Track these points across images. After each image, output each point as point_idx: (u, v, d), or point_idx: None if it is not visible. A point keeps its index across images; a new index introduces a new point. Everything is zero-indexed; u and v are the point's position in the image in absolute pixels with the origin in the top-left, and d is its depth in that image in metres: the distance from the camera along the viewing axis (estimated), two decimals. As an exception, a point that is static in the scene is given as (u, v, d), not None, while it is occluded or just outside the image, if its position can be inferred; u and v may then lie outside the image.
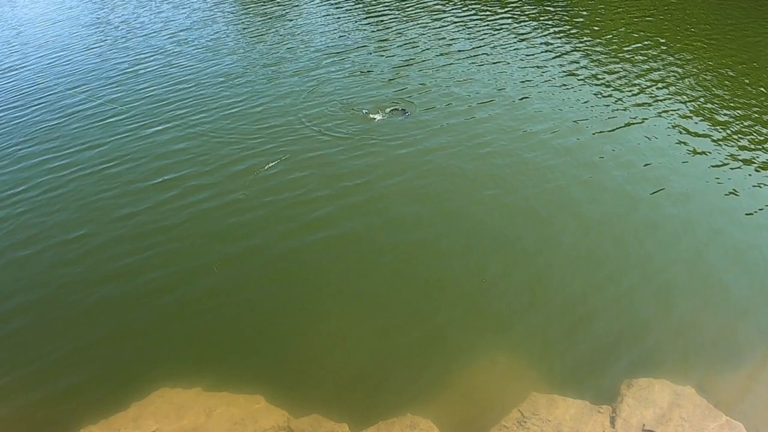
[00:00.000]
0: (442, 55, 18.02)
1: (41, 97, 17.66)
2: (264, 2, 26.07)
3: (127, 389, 8.24)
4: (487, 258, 9.96)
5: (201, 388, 8.15)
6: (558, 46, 18.16)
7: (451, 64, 17.19)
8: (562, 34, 19.18)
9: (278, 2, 25.74)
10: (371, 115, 14.31)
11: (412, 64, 17.40)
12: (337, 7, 24.28)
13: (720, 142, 12.64)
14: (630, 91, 15.05)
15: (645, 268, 9.53)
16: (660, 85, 15.29)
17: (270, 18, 23.75)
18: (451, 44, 18.86)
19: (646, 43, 17.98)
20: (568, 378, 7.98)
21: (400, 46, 19.10)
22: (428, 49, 18.52)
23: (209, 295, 9.64)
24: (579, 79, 15.84)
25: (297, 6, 24.99)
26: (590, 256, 9.86)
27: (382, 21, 21.90)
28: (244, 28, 22.76)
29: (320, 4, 25.08)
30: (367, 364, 8.42)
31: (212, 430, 7.59)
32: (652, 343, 8.36)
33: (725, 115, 13.76)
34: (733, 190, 11.20)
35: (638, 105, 14.32)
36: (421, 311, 9.10)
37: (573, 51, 17.75)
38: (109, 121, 15.53)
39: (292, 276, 9.91)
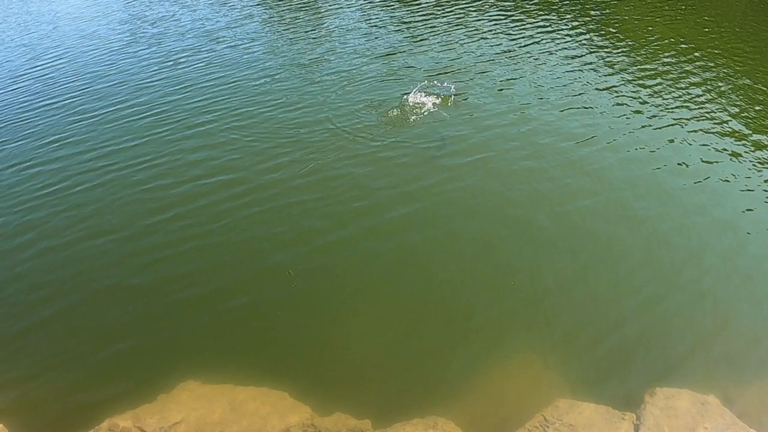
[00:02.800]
0: (480, 56, 17.93)
1: (76, 93, 17.87)
2: (301, 2, 26.14)
3: (153, 381, 8.37)
4: (519, 261, 9.94)
5: (227, 382, 8.24)
6: (594, 51, 17.97)
7: (489, 68, 17.05)
8: (597, 39, 18.99)
9: (314, 2, 25.80)
10: (409, 120, 14.26)
11: (451, 67, 17.30)
12: (375, 8, 24.24)
13: (756, 149, 12.54)
14: (667, 96, 14.89)
15: (676, 276, 9.47)
16: (697, 90, 15.09)
17: (307, 18, 23.79)
18: (489, 46, 18.77)
19: (683, 47, 17.73)
20: (593, 384, 7.97)
21: (439, 47, 19.01)
22: (467, 52, 18.40)
23: (238, 293, 9.73)
24: (615, 84, 15.70)
25: (334, 6, 24.98)
26: (622, 262, 9.79)
27: (420, 21, 21.83)
28: (280, 28, 22.83)
29: (358, 5, 25.05)
30: (392, 363, 8.47)
31: (237, 423, 7.68)
32: (679, 352, 8.31)
33: (762, 123, 13.61)
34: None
35: (674, 110, 14.17)
36: (450, 312, 9.11)
37: (609, 56, 17.57)
38: (144, 116, 15.68)
39: (321, 275, 9.96)
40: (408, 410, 7.74)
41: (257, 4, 26.40)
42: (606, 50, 18.05)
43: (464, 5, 23.17)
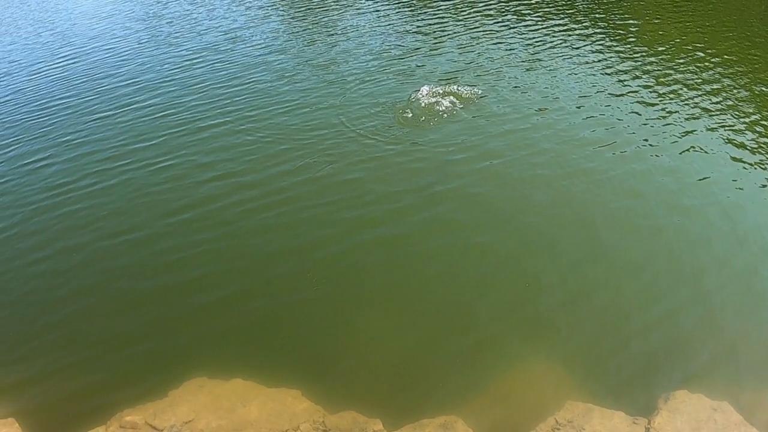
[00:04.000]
0: (496, 60, 17.84)
1: (93, 90, 18.04)
2: (318, 3, 26.18)
3: (165, 379, 8.42)
4: (536, 267, 9.89)
5: (239, 380, 8.28)
6: (610, 56, 17.83)
7: (505, 72, 16.95)
8: (614, 44, 18.85)
9: (332, 4, 25.82)
10: (425, 123, 14.22)
11: (466, 71, 17.24)
12: (392, 10, 24.23)
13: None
14: (684, 103, 14.74)
15: (696, 285, 9.40)
16: (714, 98, 14.93)
17: (323, 18, 23.83)
18: (505, 50, 18.69)
19: (699, 54, 17.56)
20: (605, 388, 7.94)
21: (456, 50, 18.95)
22: (483, 54, 18.36)
23: (252, 294, 9.78)
24: (632, 90, 15.56)
25: (351, 7, 25.00)
26: (641, 269, 9.73)
27: (436, 24, 21.80)
28: (297, 27, 22.87)
29: (374, 7, 25.06)
30: (404, 364, 8.47)
31: (248, 421, 7.71)
32: (692, 359, 8.27)
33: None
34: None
35: (692, 118, 14.01)
36: (463, 315, 9.11)
37: (626, 61, 17.43)
38: (159, 116, 15.75)
39: (336, 276, 9.98)
40: (419, 411, 7.75)
41: (274, 5, 26.47)
42: (622, 55, 17.95)
43: (480, 9, 23.13)
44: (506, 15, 22.36)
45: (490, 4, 23.61)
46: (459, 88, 15.78)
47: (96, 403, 8.20)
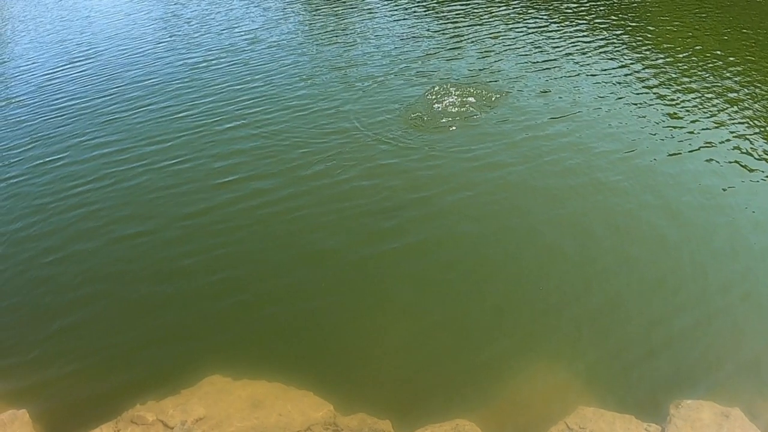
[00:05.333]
0: (514, 65, 17.77)
1: (109, 90, 18.05)
2: (337, 4, 26.20)
3: (177, 375, 8.45)
4: (555, 274, 9.87)
5: (251, 378, 8.30)
6: (630, 63, 17.66)
7: (523, 76, 16.92)
8: (633, 51, 18.64)
9: (351, 5, 25.83)
10: (443, 127, 14.18)
11: (484, 73, 17.21)
12: (410, 13, 24.14)
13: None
14: (706, 111, 14.54)
15: (720, 295, 9.34)
16: (737, 106, 14.75)
17: (343, 20, 23.79)
18: (523, 54, 18.61)
19: (718, 63, 17.39)
20: (618, 393, 7.91)
21: (473, 54, 18.88)
22: (500, 58, 18.31)
23: (267, 295, 9.82)
24: (652, 98, 15.38)
25: (370, 10, 24.95)
26: (664, 280, 9.68)
27: (454, 28, 21.75)
28: (316, 29, 22.83)
29: (394, 10, 24.98)
30: (416, 365, 8.48)
31: (260, 419, 7.74)
32: (706, 365, 8.24)
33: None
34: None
35: (714, 126, 13.81)
36: (477, 316, 9.13)
37: (646, 68, 17.25)
38: (177, 116, 15.75)
39: (351, 282, 10.00)
40: (430, 412, 7.75)
41: (293, 6, 26.52)
42: (643, 62, 17.80)
43: (498, 14, 23.09)
44: (524, 19, 22.31)
45: (508, 10, 23.56)
46: (477, 93, 15.71)
47: (108, 398, 8.24)
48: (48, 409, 8.18)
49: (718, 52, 18.13)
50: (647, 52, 18.50)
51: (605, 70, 17.14)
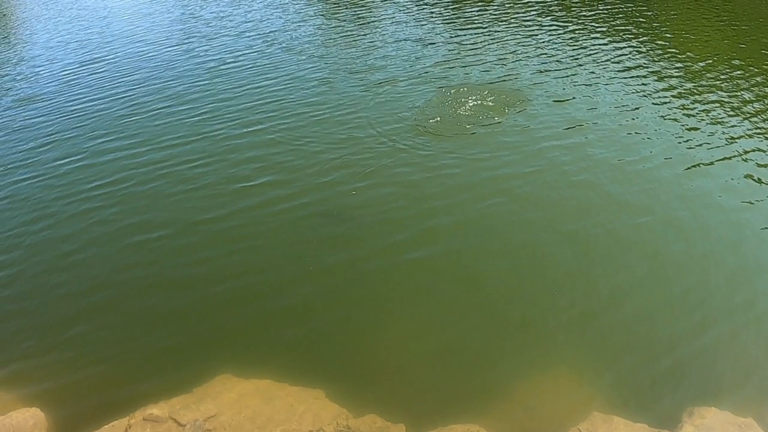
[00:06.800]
0: (534, 70, 17.76)
1: (129, 90, 18.19)
2: (356, 8, 26.28)
3: (190, 374, 8.51)
4: (567, 274, 9.89)
5: (263, 378, 8.35)
6: (647, 73, 17.52)
7: (543, 80, 16.94)
8: (650, 61, 18.44)
9: (370, 9, 25.90)
10: (461, 129, 14.17)
11: (504, 78, 17.19)
12: (429, 17, 24.20)
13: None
14: (727, 122, 14.38)
15: (729, 299, 9.31)
16: (758, 117, 14.58)
17: (361, 24, 23.84)
18: (543, 61, 18.59)
19: (738, 72, 17.26)
20: (631, 400, 7.88)
21: (491, 58, 18.88)
22: (520, 64, 18.29)
23: (280, 294, 9.87)
24: (669, 109, 15.21)
25: (389, 14, 25.01)
26: (672, 283, 9.67)
27: (473, 32, 21.78)
28: (334, 33, 22.88)
29: (412, 13, 25.05)
30: (429, 368, 8.49)
31: (271, 419, 7.76)
32: (720, 374, 8.20)
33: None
34: None
35: (735, 137, 13.65)
36: (491, 321, 9.15)
37: (663, 79, 17.08)
38: (193, 119, 15.79)
39: (365, 278, 10.07)
40: (443, 416, 7.74)
41: (312, 8, 26.61)
42: (661, 65, 17.82)
43: (518, 18, 23.11)
44: (544, 24, 22.33)
45: (528, 14, 23.59)
46: (496, 98, 15.66)
47: (120, 396, 8.31)
48: (61, 408, 8.25)
49: (736, 62, 18.00)
50: (664, 63, 18.35)
51: (622, 79, 17.07)
